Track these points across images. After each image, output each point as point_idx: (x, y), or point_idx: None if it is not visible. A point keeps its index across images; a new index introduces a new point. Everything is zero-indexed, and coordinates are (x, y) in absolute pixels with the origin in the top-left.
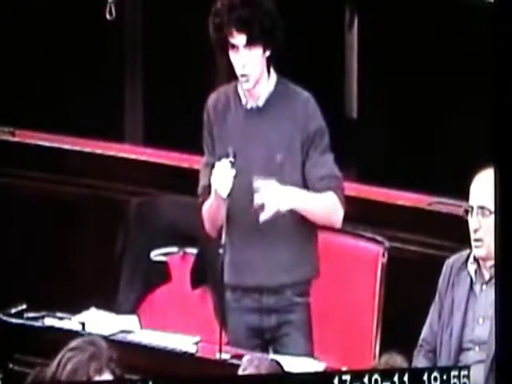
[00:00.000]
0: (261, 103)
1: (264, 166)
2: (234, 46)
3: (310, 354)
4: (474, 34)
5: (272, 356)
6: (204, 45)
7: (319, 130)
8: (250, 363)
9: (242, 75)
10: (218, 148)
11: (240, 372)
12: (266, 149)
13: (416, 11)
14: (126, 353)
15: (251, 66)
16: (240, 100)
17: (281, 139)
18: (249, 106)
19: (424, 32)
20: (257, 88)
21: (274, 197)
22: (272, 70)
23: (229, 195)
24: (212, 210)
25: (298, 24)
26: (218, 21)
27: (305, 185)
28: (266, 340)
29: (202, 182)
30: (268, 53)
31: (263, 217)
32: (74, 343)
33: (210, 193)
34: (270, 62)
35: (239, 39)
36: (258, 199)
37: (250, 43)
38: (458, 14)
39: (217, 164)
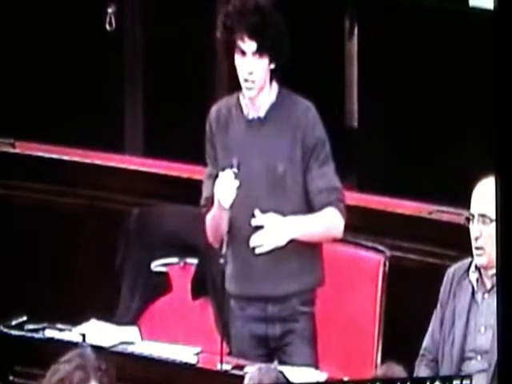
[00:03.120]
0: (262, 114)
1: (266, 177)
2: (242, 52)
3: (315, 363)
4: (475, 42)
5: (276, 365)
6: (204, 55)
7: (320, 140)
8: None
9: (246, 80)
10: (221, 159)
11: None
12: (268, 160)
13: (416, 20)
14: (126, 364)
15: (257, 74)
16: (242, 111)
17: (282, 150)
18: (250, 117)
19: (424, 41)
20: (259, 98)
21: (273, 234)
22: (274, 80)
23: (231, 206)
24: (215, 221)
25: (297, 33)
26: (229, 23)
27: (306, 195)
28: (270, 349)
29: (205, 194)
30: (273, 66)
31: (259, 251)
32: (64, 357)
33: (212, 204)
34: (274, 74)
35: (249, 45)
36: (256, 237)
37: (259, 51)
38: (459, 22)
39: (220, 174)
